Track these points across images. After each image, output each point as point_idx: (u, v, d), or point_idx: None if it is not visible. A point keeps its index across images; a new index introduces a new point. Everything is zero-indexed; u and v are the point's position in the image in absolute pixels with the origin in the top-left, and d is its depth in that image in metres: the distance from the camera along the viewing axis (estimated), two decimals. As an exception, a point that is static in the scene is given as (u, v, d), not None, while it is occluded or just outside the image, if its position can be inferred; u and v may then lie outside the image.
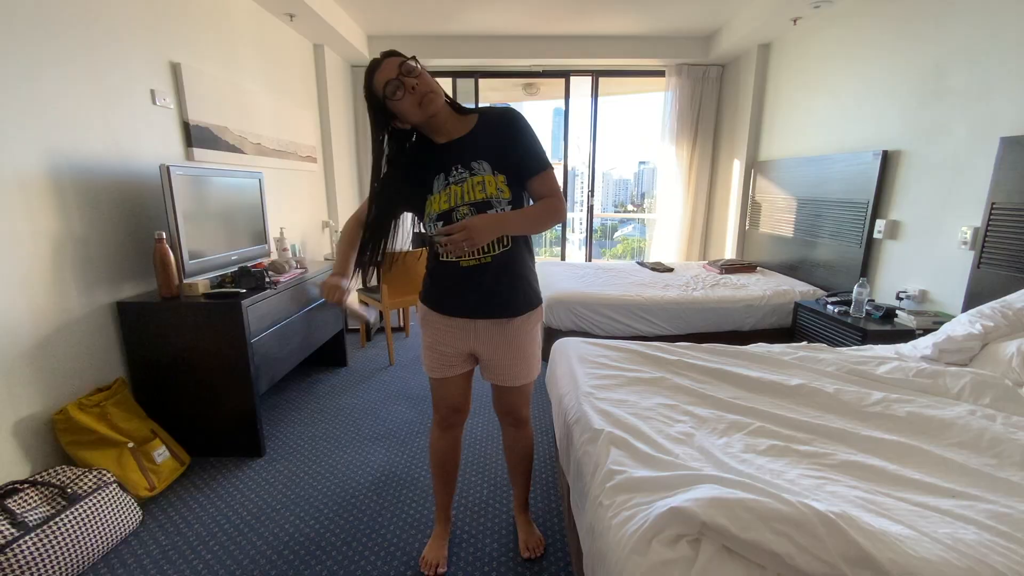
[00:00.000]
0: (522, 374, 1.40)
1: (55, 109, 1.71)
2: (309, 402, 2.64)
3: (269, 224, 2.57)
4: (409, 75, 1.18)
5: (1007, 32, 1.96)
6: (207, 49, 2.51)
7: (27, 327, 1.63)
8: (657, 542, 0.84)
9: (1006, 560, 0.81)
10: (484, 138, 1.27)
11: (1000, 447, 1.20)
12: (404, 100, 1.18)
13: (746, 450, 1.20)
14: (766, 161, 3.74)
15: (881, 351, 1.85)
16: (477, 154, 1.26)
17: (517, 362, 1.38)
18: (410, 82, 1.17)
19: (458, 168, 1.26)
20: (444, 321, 1.36)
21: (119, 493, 1.63)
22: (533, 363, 1.42)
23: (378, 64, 1.19)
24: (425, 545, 1.57)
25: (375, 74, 1.19)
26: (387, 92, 1.18)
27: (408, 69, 1.18)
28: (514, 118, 1.28)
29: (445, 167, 1.27)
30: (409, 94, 1.18)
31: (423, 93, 1.19)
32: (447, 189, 1.26)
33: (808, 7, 2.99)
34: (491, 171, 1.25)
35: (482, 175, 1.24)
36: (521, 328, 1.36)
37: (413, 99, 1.18)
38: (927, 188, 2.34)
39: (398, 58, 1.19)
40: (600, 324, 2.81)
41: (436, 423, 1.51)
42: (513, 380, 1.40)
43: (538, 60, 4.30)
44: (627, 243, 7.48)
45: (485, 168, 1.25)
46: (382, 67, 1.19)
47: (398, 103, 1.19)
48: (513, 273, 1.31)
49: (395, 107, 1.20)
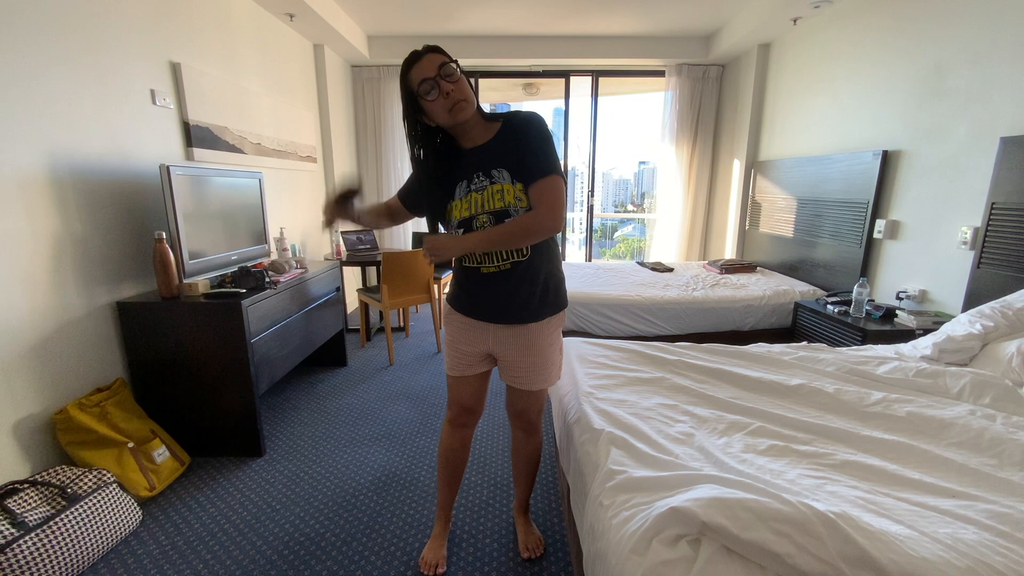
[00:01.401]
0: (538, 379, 1.39)
1: (55, 109, 1.71)
2: (309, 402, 2.64)
3: (269, 224, 2.57)
4: (447, 78, 1.16)
5: (1007, 32, 1.96)
6: (207, 49, 2.51)
7: (27, 327, 1.63)
8: (657, 542, 0.84)
9: (1006, 560, 0.81)
10: (505, 145, 1.24)
11: (1000, 447, 1.20)
12: (436, 102, 1.17)
13: (746, 450, 1.20)
14: (766, 161, 3.74)
15: (881, 351, 1.85)
16: (498, 162, 1.24)
17: (534, 367, 1.37)
18: (447, 86, 1.16)
19: (479, 176, 1.25)
20: (464, 321, 1.37)
21: (119, 493, 1.63)
22: (551, 369, 1.40)
23: (419, 57, 1.17)
24: (424, 545, 1.57)
25: (413, 67, 1.17)
26: (421, 90, 1.16)
27: (448, 72, 1.16)
28: (531, 122, 1.24)
29: (467, 174, 1.26)
30: (442, 98, 1.16)
31: (456, 100, 1.17)
32: (468, 196, 1.25)
33: (808, 7, 2.99)
34: (510, 180, 1.23)
35: (501, 183, 1.23)
36: (539, 333, 1.34)
37: (445, 103, 1.17)
38: (927, 188, 2.34)
39: (440, 56, 1.17)
40: (600, 324, 2.81)
41: (448, 420, 1.51)
42: (528, 384, 1.39)
43: (538, 60, 4.30)
44: (627, 243, 7.48)
45: (504, 176, 1.23)
46: (422, 62, 1.16)
47: (430, 103, 1.18)
48: (532, 280, 1.30)
49: (425, 106, 1.19)
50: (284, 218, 3.28)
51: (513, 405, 1.47)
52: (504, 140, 1.25)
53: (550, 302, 1.34)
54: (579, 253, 5.44)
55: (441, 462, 1.54)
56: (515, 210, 1.22)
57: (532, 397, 1.43)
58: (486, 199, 1.24)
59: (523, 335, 1.34)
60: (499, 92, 5.46)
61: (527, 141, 1.22)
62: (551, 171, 1.21)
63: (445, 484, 1.55)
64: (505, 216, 1.23)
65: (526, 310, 1.31)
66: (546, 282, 1.32)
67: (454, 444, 1.51)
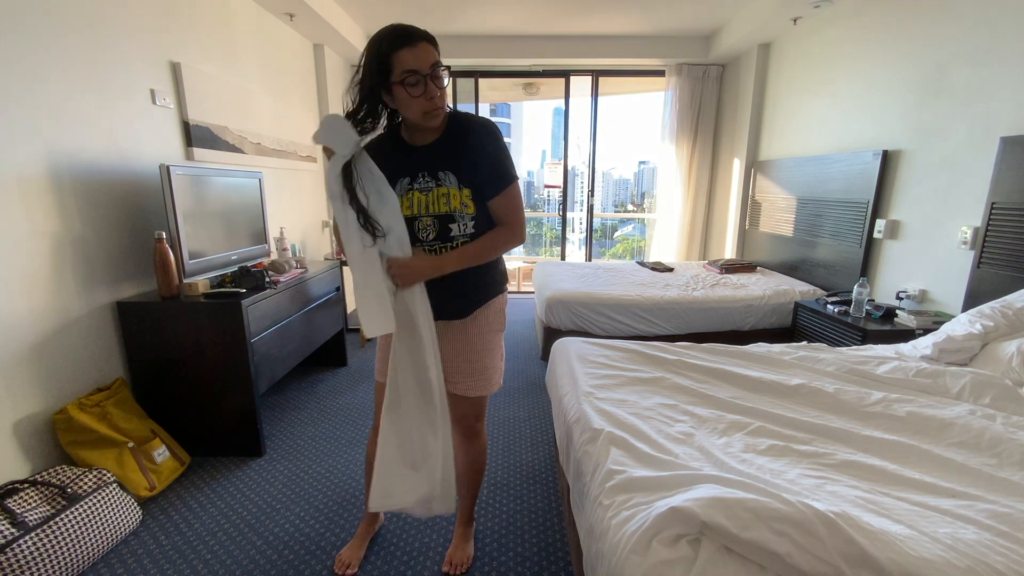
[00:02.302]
0: (474, 385, 1.36)
1: (55, 109, 1.71)
2: (309, 402, 2.64)
3: (269, 224, 2.57)
4: (437, 81, 1.11)
5: (1007, 32, 1.96)
6: (207, 49, 2.51)
7: (27, 327, 1.63)
8: (657, 542, 0.84)
9: (1006, 560, 0.81)
10: (453, 148, 1.20)
11: (1000, 447, 1.20)
12: (416, 99, 1.11)
13: (746, 450, 1.20)
14: (766, 161, 3.74)
15: (881, 351, 1.85)
16: (445, 164, 1.20)
17: (470, 370, 1.34)
18: (434, 89, 1.11)
19: (424, 176, 1.22)
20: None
21: (119, 493, 1.63)
22: (489, 375, 1.36)
23: (411, 41, 1.07)
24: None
25: (403, 49, 1.07)
26: (406, 80, 1.08)
27: (439, 75, 1.11)
28: (487, 132, 1.20)
29: (411, 171, 1.23)
30: (424, 99, 1.11)
31: (437, 107, 1.13)
32: (409, 195, 1.22)
33: (808, 7, 2.99)
34: (457, 185, 1.20)
35: (448, 187, 1.21)
36: (474, 333, 1.32)
37: (425, 104, 1.12)
38: (927, 188, 2.34)
39: (434, 52, 1.11)
40: (600, 324, 2.81)
41: (374, 428, 1.43)
42: (465, 390, 1.36)
43: (538, 60, 4.30)
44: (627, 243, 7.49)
45: (451, 180, 1.20)
46: (415, 49, 1.07)
47: (406, 95, 1.10)
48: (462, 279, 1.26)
49: (399, 94, 1.11)
50: (284, 218, 3.28)
51: (452, 410, 1.42)
52: (454, 142, 1.21)
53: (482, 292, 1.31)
54: (579, 253, 5.44)
55: (367, 468, 1.48)
56: (460, 215, 1.21)
57: (468, 403, 1.40)
58: (431, 201, 1.21)
59: (458, 335, 1.32)
60: (499, 92, 5.46)
61: (484, 151, 1.19)
62: (514, 178, 1.22)
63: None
64: (450, 220, 1.21)
65: (461, 308, 1.29)
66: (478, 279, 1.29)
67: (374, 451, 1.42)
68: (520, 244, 1.27)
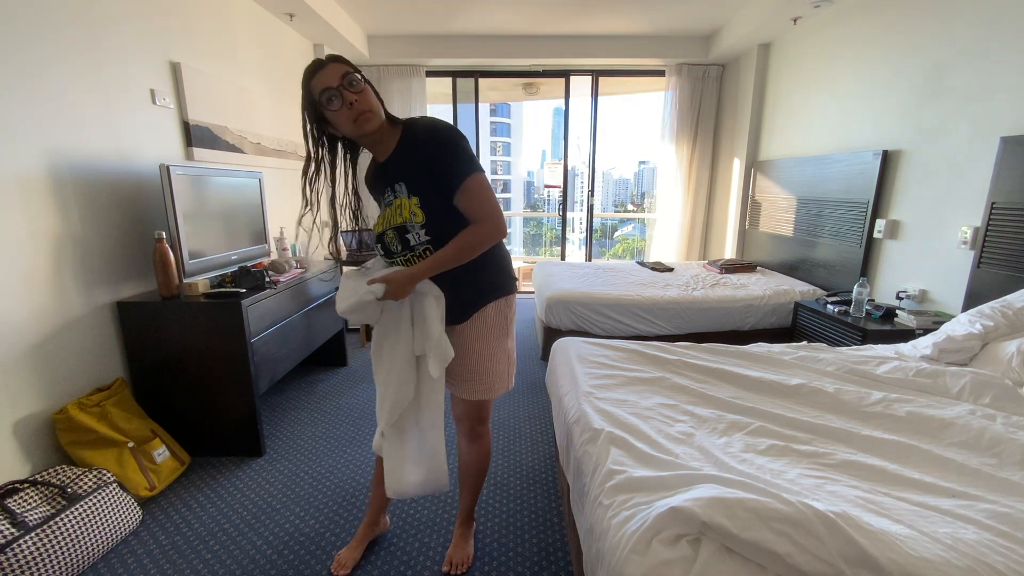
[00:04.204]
0: (473, 389, 1.35)
1: (55, 109, 1.71)
2: (309, 402, 2.64)
3: (269, 224, 2.57)
4: (350, 87, 1.12)
5: (1007, 32, 1.96)
6: (207, 49, 2.51)
7: (27, 327, 1.63)
8: (657, 542, 0.84)
9: (1006, 560, 0.81)
10: (405, 156, 1.20)
11: (1000, 447, 1.20)
12: (340, 112, 1.13)
13: (746, 450, 1.20)
14: (766, 161, 3.74)
15: (881, 351, 1.85)
16: (398, 175, 1.21)
17: (468, 374, 1.34)
18: (350, 96, 1.12)
19: (389, 191, 1.23)
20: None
21: (119, 493, 1.63)
22: (489, 380, 1.35)
23: (320, 67, 1.13)
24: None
25: (315, 76, 1.13)
26: (323, 100, 1.12)
27: (350, 82, 1.12)
28: (433, 134, 1.18)
29: (382, 189, 1.25)
30: (346, 108, 1.13)
31: (360, 111, 1.14)
32: (384, 212, 1.25)
33: (808, 7, 2.99)
34: (407, 193, 1.20)
35: (400, 198, 1.21)
36: (472, 338, 1.31)
37: (349, 114, 1.13)
38: (927, 188, 2.34)
39: (343, 66, 1.13)
40: (600, 324, 2.81)
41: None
42: (464, 393, 1.36)
43: (538, 60, 4.30)
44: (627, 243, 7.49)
45: (402, 190, 1.21)
46: (324, 71, 1.12)
47: (333, 113, 1.14)
48: (455, 285, 1.26)
49: (330, 116, 1.15)
50: (284, 218, 3.27)
51: (454, 409, 1.44)
52: (404, 151, 1.21)
53: (476, 299, 1.30)
54: (579, 253, 5.44)
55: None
56: (411, 225, 1.20)
57: (469, 404, 1.40)
58: (392, 214, 1.23)
59: (455, 338, 1.32)
60: (499, 92, 5.47)
61: (435, 158, 1.16)
62: (470, 171, 1.16)
63: (377, 483, 1.48)
64: (404, 232, 1.21)
65: (453, 310, 1.28)
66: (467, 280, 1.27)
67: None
68: (502, 236, 1.21)
